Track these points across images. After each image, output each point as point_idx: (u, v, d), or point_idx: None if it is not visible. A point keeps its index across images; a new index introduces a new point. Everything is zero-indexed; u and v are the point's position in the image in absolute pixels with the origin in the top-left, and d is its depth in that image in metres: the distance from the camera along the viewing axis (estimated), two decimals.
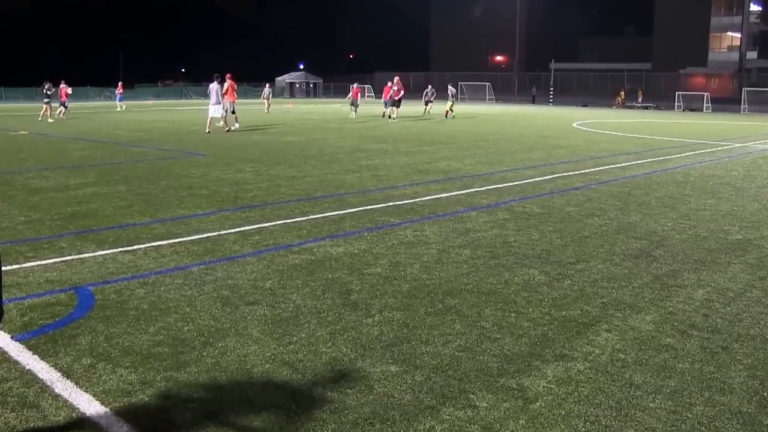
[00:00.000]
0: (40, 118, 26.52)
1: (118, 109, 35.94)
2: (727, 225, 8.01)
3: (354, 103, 29.87)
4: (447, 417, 3.42)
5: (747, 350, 4.30)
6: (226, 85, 20.99)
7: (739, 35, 64.29)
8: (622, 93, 47.03)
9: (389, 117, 27.51)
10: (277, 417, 3.40)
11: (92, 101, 49.86)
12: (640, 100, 45.66)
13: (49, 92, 26.87)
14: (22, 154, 14.83)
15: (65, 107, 28.44)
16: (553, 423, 3.37)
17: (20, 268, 5.88)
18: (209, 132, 19.89)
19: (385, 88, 29.17)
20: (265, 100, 33.63)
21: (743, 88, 44.02)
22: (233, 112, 21.17)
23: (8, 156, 14.54)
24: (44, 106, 26.79)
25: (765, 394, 3.72)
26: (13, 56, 70.46)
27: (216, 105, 20.24)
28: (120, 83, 39.43)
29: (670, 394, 3.68)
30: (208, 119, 20.40)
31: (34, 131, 21.23)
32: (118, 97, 37.87)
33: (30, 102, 46.78)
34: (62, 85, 28.21)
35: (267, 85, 36.30)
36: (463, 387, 3.74)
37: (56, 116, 27.30)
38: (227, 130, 20.28)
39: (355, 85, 30.48)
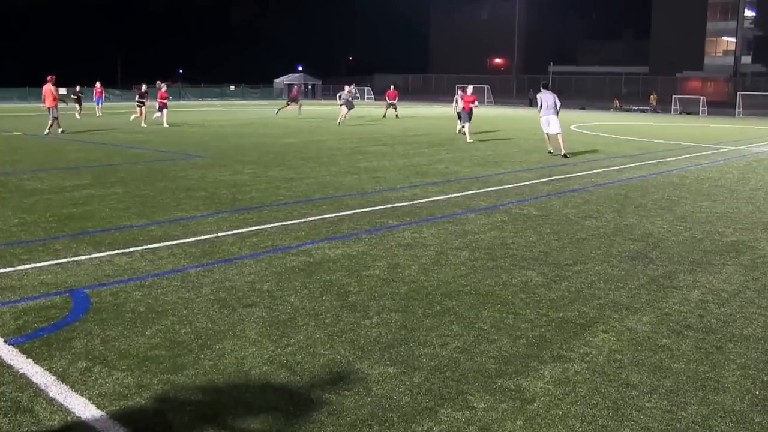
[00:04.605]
0: (143, 123, 23.91)
1: (98, 114, 30.67)
2: (722, 227, 8.04)
3: (463, 116, 19.45)
4: (445, 418, 3.42)
5: (740, 350, 4.33)
6: (45, 88, 20.33)
7: (734, 40, 64.60)
8: (617, 101, 47.37)
9: (461, 132, 20.10)
10: (275, 419, 3.40)
11: (89, 102, 49.87)
12: (653, 104, 45.39)
13: (146, 94, 25.20)
14: (17, 155, 14.77)
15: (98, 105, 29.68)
16: (550, 423, 3.38)
17: (14, 270, 5.86)
18: (565, 155, 15.04)
19: (389, 93, 27.12)
20: (345, 107, 25.69)
21: (738, 92, 44.23)
22: (56, 118, 20.19)
23: (2, 157, 14.47)
24: (138, 109, 24.77)
25: (757, 392, 3.75)
26: (10, 56, 70.30)
27: (553, 116, 15.10)
28: (98, 83, 32.81)
29: (666, 394, 3.70)
30: (559, 137, 15.14)
31: (29, 133, 21.17)
32: (97, 99, 32.12)
33: (25, 102, 46.68)
34: (97, 86, 27.65)
35: (347, 88, 26.66)
36: (461, 388, 3.74)
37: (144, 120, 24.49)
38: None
39: (469, 89, 19.37)
